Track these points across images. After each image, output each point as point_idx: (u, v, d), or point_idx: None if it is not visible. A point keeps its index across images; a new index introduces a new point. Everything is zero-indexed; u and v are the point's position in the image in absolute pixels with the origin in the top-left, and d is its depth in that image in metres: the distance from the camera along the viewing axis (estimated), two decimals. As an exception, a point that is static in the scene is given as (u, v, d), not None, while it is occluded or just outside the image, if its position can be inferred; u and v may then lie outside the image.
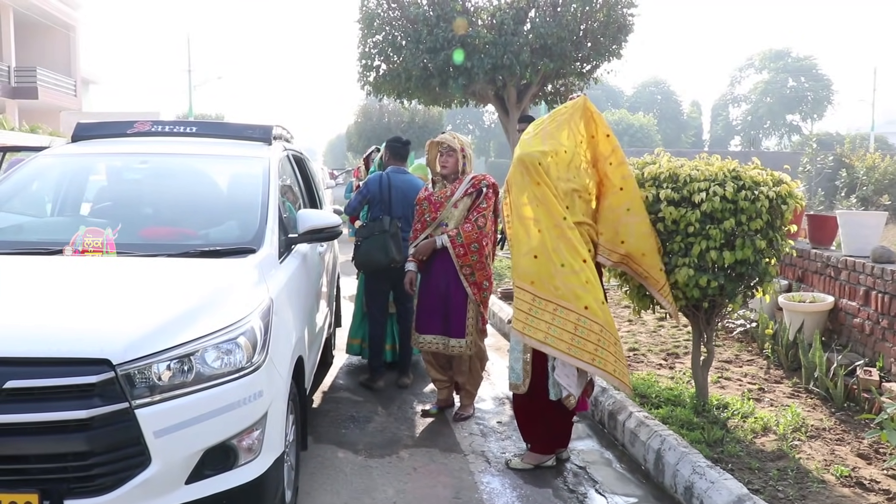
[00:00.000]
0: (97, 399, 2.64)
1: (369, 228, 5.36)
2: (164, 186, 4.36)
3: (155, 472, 2.69)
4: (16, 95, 28.95)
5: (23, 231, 4.07)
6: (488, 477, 4.14)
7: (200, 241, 3.80)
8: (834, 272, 5.91)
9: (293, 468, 3.62)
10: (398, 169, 5.77)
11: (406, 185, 5.64)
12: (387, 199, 5.57)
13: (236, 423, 2.88)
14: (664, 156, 4.72)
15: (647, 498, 3.95)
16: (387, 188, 5.60)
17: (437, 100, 13.93)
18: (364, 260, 5.40)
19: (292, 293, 3.81)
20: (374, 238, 5.28)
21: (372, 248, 5.28)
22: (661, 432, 4.23)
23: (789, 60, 60.63)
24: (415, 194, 5.41)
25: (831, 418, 4.66)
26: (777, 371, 5.69)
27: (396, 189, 5.60)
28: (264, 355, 3.05)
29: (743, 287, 4.52)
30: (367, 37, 13.16)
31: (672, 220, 4.31)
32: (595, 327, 3.78)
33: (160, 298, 3.04)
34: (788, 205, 4.37)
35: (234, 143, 4.69)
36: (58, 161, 4.60)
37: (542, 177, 3.90)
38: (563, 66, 12.72)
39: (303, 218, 4.06)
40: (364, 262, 5.43)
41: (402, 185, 5.63)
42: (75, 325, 2.82)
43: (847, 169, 21.75)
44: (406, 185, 5.64)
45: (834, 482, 3.77)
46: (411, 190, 5.56)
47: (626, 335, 6.90)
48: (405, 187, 5.62)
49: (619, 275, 4.62)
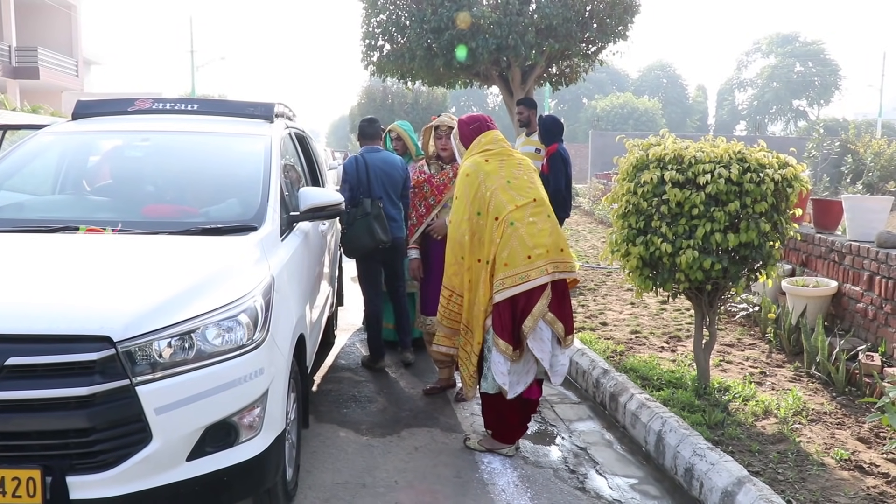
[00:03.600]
0: (98, 376, 2.63)
1: (352, 214, 5.28)
2: (165, 164, 4.34)
3: (156, 448, 2.70)
4: (17, 76, 28.84)
5: (23, 209, 4.06)
6: (489, 457, 4.15)
7: (202, 218, 3.78)
8: (838, 257, 5.89)
9: (294, 446, 3.63)
10: (372, 148, 5.67)
11: (382, 162, 5.55)
12: (365, 181, 5.47)
13: (237, 400, 2.88)
14: (669, 137, 4.69)
15: (648, 479, 3.96)
16: (364, 169, 5.50)
17: (440, 80, 13.86)
18: (351, 246, 5.36)
19: (294, 271, 3.80)
20: (358, 223, 5.22)
21: (358, 234, 5.24)
22: (662, 414, 4.23)
23: (797, 45, 60.27)
24: (393, 170, 5.45)
25: (832, 402, 4.65)
26: (779, 355, 5.68)
27: (373, 168, 5.50)
28: (265, 333, 3.05)
29: (746, 270, 4.51)
30: (371, 16, 13.07)
31: (676, 202, 4.28)
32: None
33: (161, 276, 3.03)
34: (794, 188, 4.34)
35: (235, 120, 4.67)
36: (58, 139, 4.57)
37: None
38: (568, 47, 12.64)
39: (304, 196, 4.04)
40: (352, 248, 5.39)
41: (379, 164, 5.54)
42: (76, 302, 2.81)
43: (853, 155, 21.64)
44: (382, 163, 5.55)
45: (834, 465, 3.77)
46: (388, 166, 5.54)
47: (628, 318, 6.90)
48: (382, 165, 5.54)
49: (623, 256, 4.61)
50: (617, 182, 4.78)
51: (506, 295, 3.87)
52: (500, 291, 3.86)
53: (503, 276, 3.86)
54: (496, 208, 3.92)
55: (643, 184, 4.43)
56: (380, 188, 5.48)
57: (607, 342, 5.98)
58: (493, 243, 3.91)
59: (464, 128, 4.28)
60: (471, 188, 3.99)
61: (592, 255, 11.03)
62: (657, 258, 4.43)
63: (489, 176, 4.00)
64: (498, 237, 3.89)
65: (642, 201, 4.45)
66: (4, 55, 28.29)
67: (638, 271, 4.59)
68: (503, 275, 3.87)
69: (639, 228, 4.50)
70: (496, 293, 3.87)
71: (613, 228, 4.79)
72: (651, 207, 4.42)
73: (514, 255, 3.87)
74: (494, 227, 3.91)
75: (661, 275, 4.52)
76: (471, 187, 3.99)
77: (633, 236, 4.53)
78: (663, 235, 4.35)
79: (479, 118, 4.29)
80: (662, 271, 4.50)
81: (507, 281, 3.85)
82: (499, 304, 3.88)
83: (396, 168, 5.57)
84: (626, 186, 4.59)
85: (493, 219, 3.92)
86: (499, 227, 3.90)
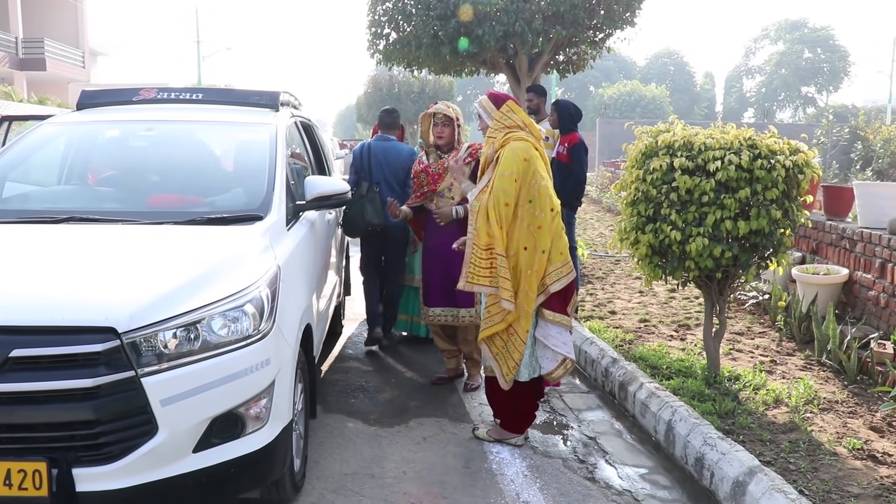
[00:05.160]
0: (103, 367, 2.62)
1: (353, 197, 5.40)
2: (170, 154, 4.31)
3: (162, 440, 2.68)
4: (24, 67, 28.83)
5: (28, 200, 4.05)
6: (498, 447, 4.13)
7: (207, 208, 3.75)
8: (849, 244, 5.83)
9: (302, 436, 3.61)
10: (383, 137, 5.93)
11: (386, 150, 5.79)
12: (366, 166, 5.74)
13: (243, 391, 2.86)
14: (678, 124, 4.63)
15: (658, 469, 3.93)
16: (367, 155, 5.78)
17: (447, 68, 13.75)
18: (346, 227, 5.62)
19: (300, 261, 3.77)
20: (354, 205, 5.38)
21: (352, 215, 5.43)
22: (672, 403, 4.19)
23: (805, 31, 59.75)
24: (394, 157, 5.69)
25: (844, 391, 4.61)
26: (789, 344, 5.63)
27: (375, 155, 5.75)
28: (272, 323, 3.02)
29: (757, 258, 4.46)
30: (377, 4, 12.98)
31: (686, 189, 4.24)
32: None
33: (166, 266, 3.01)
34: (805, 174, 4.29)
35: (240, 109, 4.64)
36: (63, 129, 4.55)
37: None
38: (575, 34, 12.51)
39: (311, 185, 4.00)
40: (347, 228, 5.64)
41: (382, 151, 5.78)
42: (81, 293, 2.79)
43: (862, 142, 21.46)
44: (386, 150, 5.78)
45: (846, 455, 3.73)
46: (391, 154, 5.75)
47: (636, 306, 6.86)
48: (385, 152, 5.77)
49: (632, 244, 4.56)
50: (625, 169, 4.73)
51: (564, 283, 4.00)
52: (560, 280, 3.99)
53: (560, 266, 3.99)
54: (550, 199, 3.98)
55: (652, 171, 4.39)
56: (379, 174, 5.68)
57: (616, 331, 5.94)
58: (553, 233, 3.98)
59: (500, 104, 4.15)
60: (527, 175, 3.94)
61: (600, 243, 10.98)
62: (667, 246, 4.39)
63: (540, 165, 4.01)
64: (558, 228, 4.02)
65: (651, 189, 4.40)
66: (11, 47, 28.28)
67: (647, 259, 4.55)
68: (560, 263, 3.99)
69: (648, 216, 4.46)
70: (557, 281, 3.97)
71: (622, 216, 4.75)
72: (660, 195, 4.38)
73: (564, 247, 4.05)
74: (552, 219, 3.97)
75: (671, 263, 4.48)
76: (527, 174, 3.94)
77: (642, 224, 4.49)
78: (673, 223, 4.31)
79: (514, 99, 4.25)
80: (672, 259, 4.46)
81: (564, 269, 4.00)
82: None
83: (399, 157, 5.74)
84: (635, 174, 4.54)
85: (549, 210, 3.96)
86: (555, 218, 4.00)
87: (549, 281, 3.97)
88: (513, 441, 4.16)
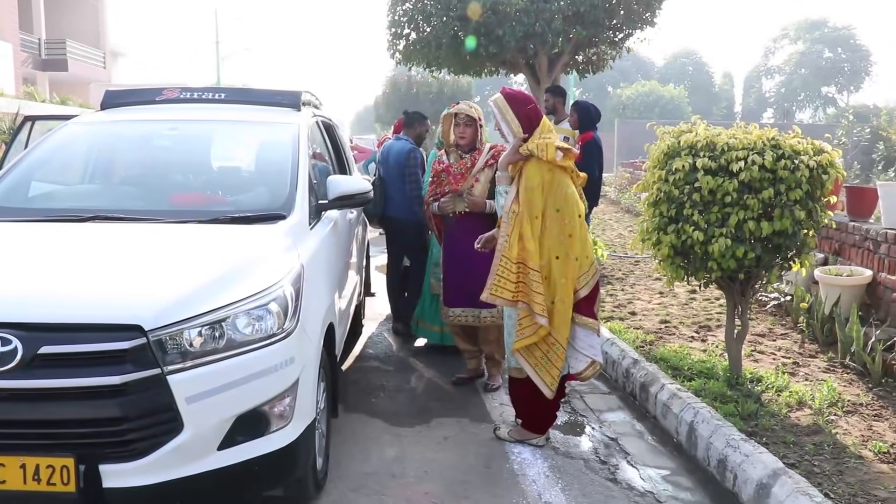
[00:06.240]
0: (129, 365, 2.64)
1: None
2: (193, 153, 4.35)
3: (187, 437, 2.70)
4: (46, 68, 29.16)
5: (54, 199, 4.09)
6: (519, 447, 4.12)
7: (231, 207, 3.78)
8: (873, 245, 5.77)
9: (324, 435, 3.62)
10: (397, 136, 6.41)
11: (390, 148, 6.19)
12: (381, 163, 6.29)
13: (268, 389, 2.88)
14: (701, 124, 4.61)
15: (679, 470, 3.90)
16: (384, 153, 6.29)
17: (467, 68, 13.76)
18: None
19: (323, 260, 3.78)
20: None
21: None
22: (694, 405, 4.17)
23: (826, 31, 59.13)
24: (394, 156, 6.07)
25: (868, 394, 4.56)
26: (812, 345, 5.58)
27: (384, 153, 6.26)
28: (295, 322, 3.04)
29: (780, 259, 4.43)
30: (397, 4, 13.01)
31: (709, 189, 4.21)
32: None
33: (191, 265, 3.04)
34: (829, 175, 4.25)
35: (263, 109, 4.66)
36: (87, 129, 4.59)
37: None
38: (595, 34, 12.49)
39: (333, 184, 4.02)
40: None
41: (387, 149, 6.23)
42: (107, 291, 2.82)
43: (885, 142, 21.21)
44: (390, 149, 6.18)
45: (872, 458, 3.70)
46: (393, 152, 6.12)
47: (657, 307, 6.83)
48: (389, 150, 6.18)
49: (654, 245, 4.54)
50: (647, 170, 4.71)
51: (591, 287, 4.02)
52: (587, 284, 4.00)
53: (587, 269, 4.01)
54: (577, 205, 3.99)
55: (675, 171, 4.36)
56: (385, 170, 6.19)
57: (636, 332, 5.91)
58: (582, 239, 3.99)
59: (520, 106, 4.02)
60: (552, 184, 3.92)
61: (619, 244, 10.93)
62: (689, 247, 4.36)
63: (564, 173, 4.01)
64: (585, 233, 4.05)
65: (674, 189, 4.38)
66: (34, 48, 28.60)
67: (669, 260, 4.52)
68: (587, 267, 4.01)
69: (670, 217, 4.43)
70: (585, 286, 3.98)
71: (644, 217, 4.72)
72: (683, 195, 4.35)
73: (591, 251, 4.10)
74: (580, 224, 3.99)
75: (693, 263, 4.45)
76: (552, 183, 3.92)
77: (664, 224, 4.46)
78: (695, 223, 4.28)
79: (531, 98, 4.19)
80: (694, 260, 4.43)
81: (590, 272, 4.03)
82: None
83: (399, 155, 6.05)
84: (657, 174, 4.52)
85: (577, 216, 3.97)
86: (582, 225, 4.03)
87: (579, 286, 3.96)
88: (534, 441, 4.15)
